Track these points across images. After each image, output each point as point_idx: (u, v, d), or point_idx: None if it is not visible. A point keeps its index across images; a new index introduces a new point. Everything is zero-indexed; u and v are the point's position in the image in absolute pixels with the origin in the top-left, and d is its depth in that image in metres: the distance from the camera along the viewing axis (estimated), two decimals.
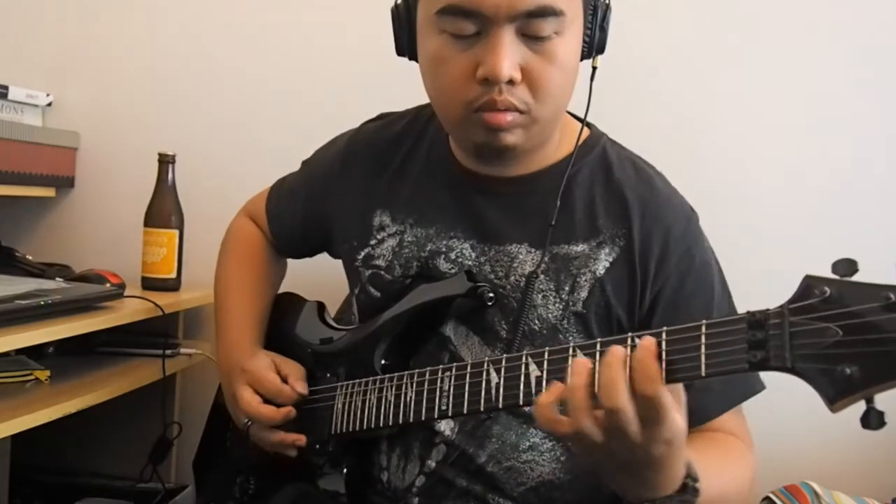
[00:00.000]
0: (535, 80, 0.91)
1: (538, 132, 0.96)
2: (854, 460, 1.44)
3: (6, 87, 1.59)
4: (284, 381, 1.09)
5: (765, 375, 0.99)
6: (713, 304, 1.00)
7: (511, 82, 0.89)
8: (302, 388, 1.08)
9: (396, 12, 0.98)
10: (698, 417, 0.96)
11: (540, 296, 0.99)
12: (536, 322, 0.98)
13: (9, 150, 1.55)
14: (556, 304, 0.99)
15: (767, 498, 1.26)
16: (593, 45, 0.96)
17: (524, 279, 0.99)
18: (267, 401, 1.08)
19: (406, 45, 0.98)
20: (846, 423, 0.62)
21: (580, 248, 1.00)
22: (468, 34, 0.90)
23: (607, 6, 0.96)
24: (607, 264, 0.99)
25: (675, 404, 0.73)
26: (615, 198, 1.01)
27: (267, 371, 1.09)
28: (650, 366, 0.71)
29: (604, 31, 0.96)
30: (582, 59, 0.96)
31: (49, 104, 1.71)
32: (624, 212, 1.00)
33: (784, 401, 1.12)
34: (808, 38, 1.47)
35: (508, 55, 0.88)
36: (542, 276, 0.99)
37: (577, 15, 0.92)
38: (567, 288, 0.99)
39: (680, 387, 0.75)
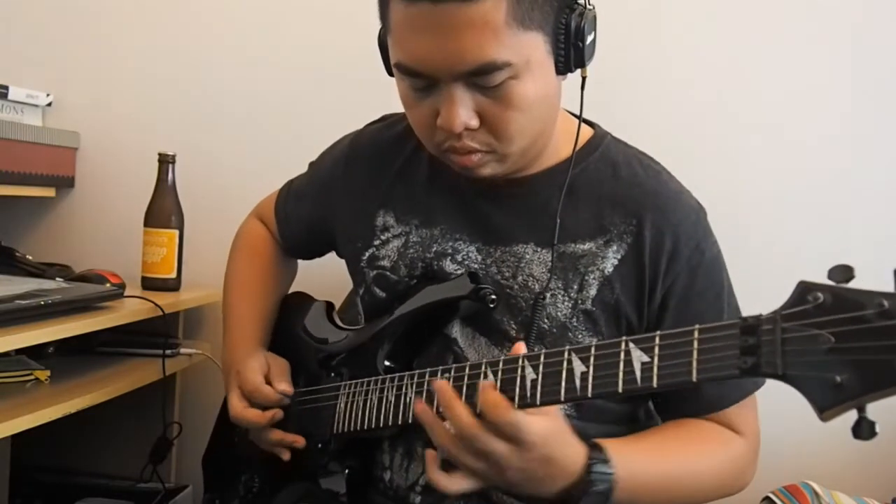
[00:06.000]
0: (495, 124, 0.91)
1: (515, 161, 0.97)
2: (854, 460, 1.44)
3: (6, 87, 1.59)
4: (270, 382, 1.09)
5: None
6: (724, 298, 1.00)
7: (470, 128, 0.90)
8: (284, 386, 1.07)
9: (380, 44, 0.98)
10: (699, 411, 0.99)
11: (549, 294, 0.99)
12: (546, 321, 0.98)
13: (9, 150, 1.55)
14: (566, 303, 0.99)
15: (767, 498, 1.26)
16: (570, 63, 0.92)
17: (532, 279, 0.99)
18: (255, 404, 1.08)
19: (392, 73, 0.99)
20: (846, 422, 0.62)
21: (587, 246, 1.00)
22: (421, 87, 0.91)
23: (582, 18, 0.91)
24: (615, 262, 0.99)
25: (525, 415, 0.79)
26: (622, 195, 1.01)
27: (252, 372, 1.09)
28: (493, 397, 0.80)
29: (579, 47, 0.91)
30: (562, 73, 0.93)
31: (49, 104, 1.71)
32: (632, 209, 1.00)
33: (784, 401, 1.10)
34: (808, 36, 1.47)
35: (460, 109, 0.89)
36: (549, 275, 0.99)
37: (531, 54, 0.88)
38: (576, 286, 0.99)
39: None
